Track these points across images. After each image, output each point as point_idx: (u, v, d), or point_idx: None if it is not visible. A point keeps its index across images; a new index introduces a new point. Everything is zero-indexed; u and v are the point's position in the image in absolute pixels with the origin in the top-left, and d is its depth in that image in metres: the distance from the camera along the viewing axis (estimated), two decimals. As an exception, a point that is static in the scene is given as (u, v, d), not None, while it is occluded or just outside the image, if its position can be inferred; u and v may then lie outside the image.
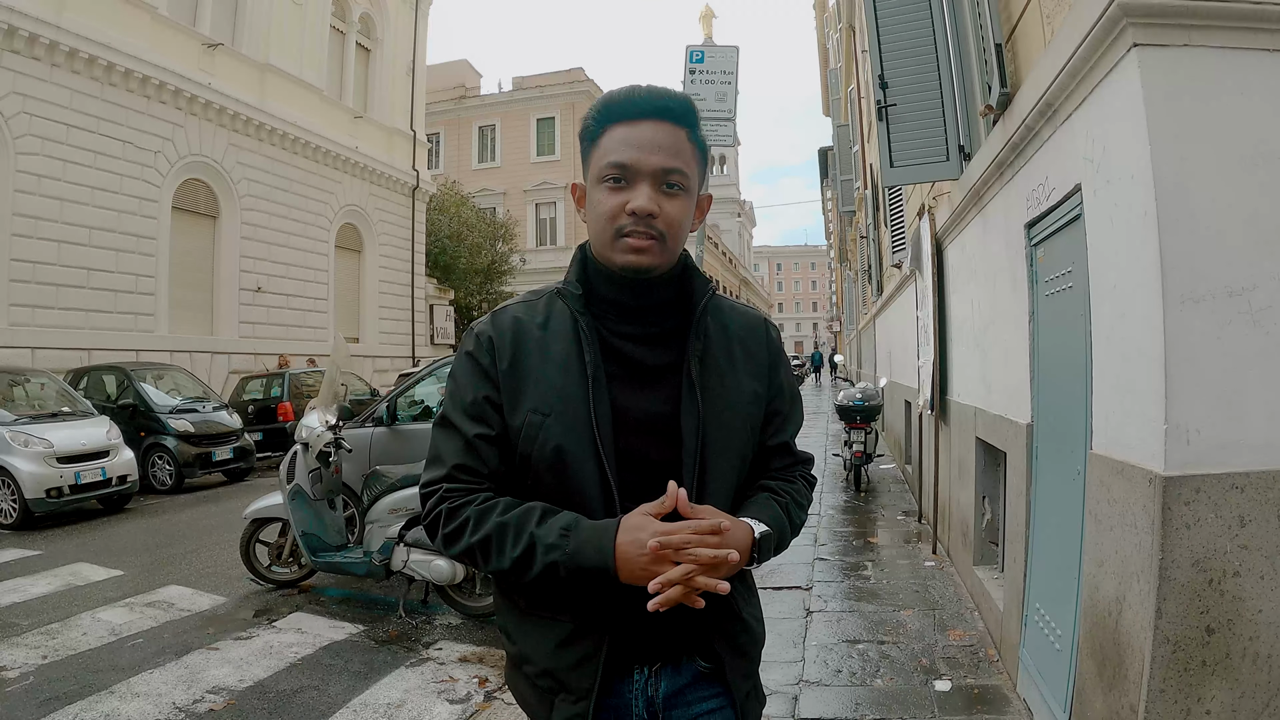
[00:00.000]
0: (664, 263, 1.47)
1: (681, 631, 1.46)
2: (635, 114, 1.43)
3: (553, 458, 1.42)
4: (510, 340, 1.50)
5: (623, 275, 1.47)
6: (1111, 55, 2.55)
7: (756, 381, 1.57)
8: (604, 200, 1.44)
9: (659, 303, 1.52)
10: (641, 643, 1.47)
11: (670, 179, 1.42)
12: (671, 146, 1.43)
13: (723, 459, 1.48)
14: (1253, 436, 2.33)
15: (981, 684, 4.15)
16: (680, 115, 1.45)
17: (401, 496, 5.86)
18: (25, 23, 14.62)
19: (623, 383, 1.48)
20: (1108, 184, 2.71)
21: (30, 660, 4.97)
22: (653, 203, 1.40)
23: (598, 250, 1.49)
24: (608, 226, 1.44)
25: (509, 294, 34.28)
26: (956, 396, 6.04)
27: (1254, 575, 2.34)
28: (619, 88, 1.48)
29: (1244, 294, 2.33)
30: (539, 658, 1.50)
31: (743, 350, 1.57)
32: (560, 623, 1.46)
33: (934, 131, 5.07)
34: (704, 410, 1.47)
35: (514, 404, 1.47)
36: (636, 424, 1.46)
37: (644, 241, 1.42)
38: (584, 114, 1.53)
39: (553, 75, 41.12)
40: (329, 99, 23.78)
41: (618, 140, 1.43)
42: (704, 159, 1.51)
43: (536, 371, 1.47)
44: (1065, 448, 3.32)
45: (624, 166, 1.41)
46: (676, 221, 1.44)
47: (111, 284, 16.40)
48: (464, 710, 4.32)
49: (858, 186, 17.92)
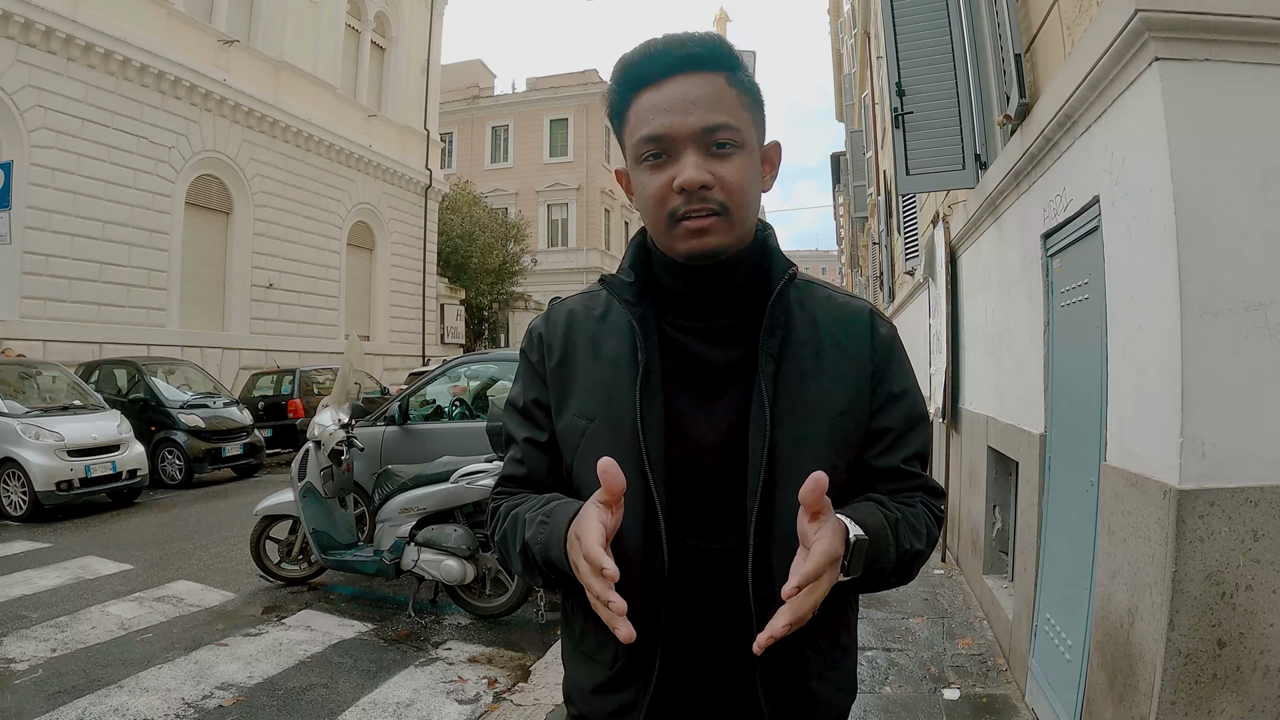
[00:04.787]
0: (734, 240, 1.21)
1: (729, 693, 1.25)
2: (659, 73, 1.20)
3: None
4: (562, 335, 1.34)
5: (687, 263, 1.23)
6: (1133, 68, 2.55)
7: (852, 387, 1.27)
8: (648, 182, 1.21)
9: (730, 290, 1.27)
10: (681, 702, 1.26)
11: (717, 137, 1.17)
12: (710, 99, 1.18)
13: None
14: (1267, 450, 2.33)
15: (990, 693, 4.14)
16: (712, 60, 1.20)
17: (412, 496, 5.88)
18: (42, 16, 14.73)
19: (682, 384, 1.26)
20: (1126, 196, 2.71)
21: (39, 653, 5.00)
22: (702, 171, 1.16)
23: (656, 238, 1.27)
24: (659, 211, 1.20)
25: (520, 294, 34.36)
26: (969, 405, 6.03)
27: (1266, 589, 2.33)
28: (634, 47, 1.24)
29: (1262, 308, 2.32)
30: (578, 699, 1.34)
31: (836, 348, 1.28)
32: (599, 664, 1.29)
33: (950, 140, 5.06)
34: (774, 421, 1.21)
35: (561, 406, 1.31)
36: (694, 435, 1.24)
37: (704, 221, 1.17)
38: (606, 92, 1.30)
39: (567, 76, 41.13)
40: (343, 97, 23.88)
41: (646, 109, 1.20)
42: (758, 102, 1.25)
43: (586, 369, 1.30)
44: (1079, 458, 3.31)
45: (659, 138, 1.18)
46: (738, 185, 1.18)
47: (124, 278, 16.50)
48: (473, 711, 4.33)
49: (870, 192, 17.88)
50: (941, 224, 6.69)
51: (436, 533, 5.74)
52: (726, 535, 1.17)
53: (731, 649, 1.20)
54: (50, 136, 15.12)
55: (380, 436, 7.86)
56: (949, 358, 6.51)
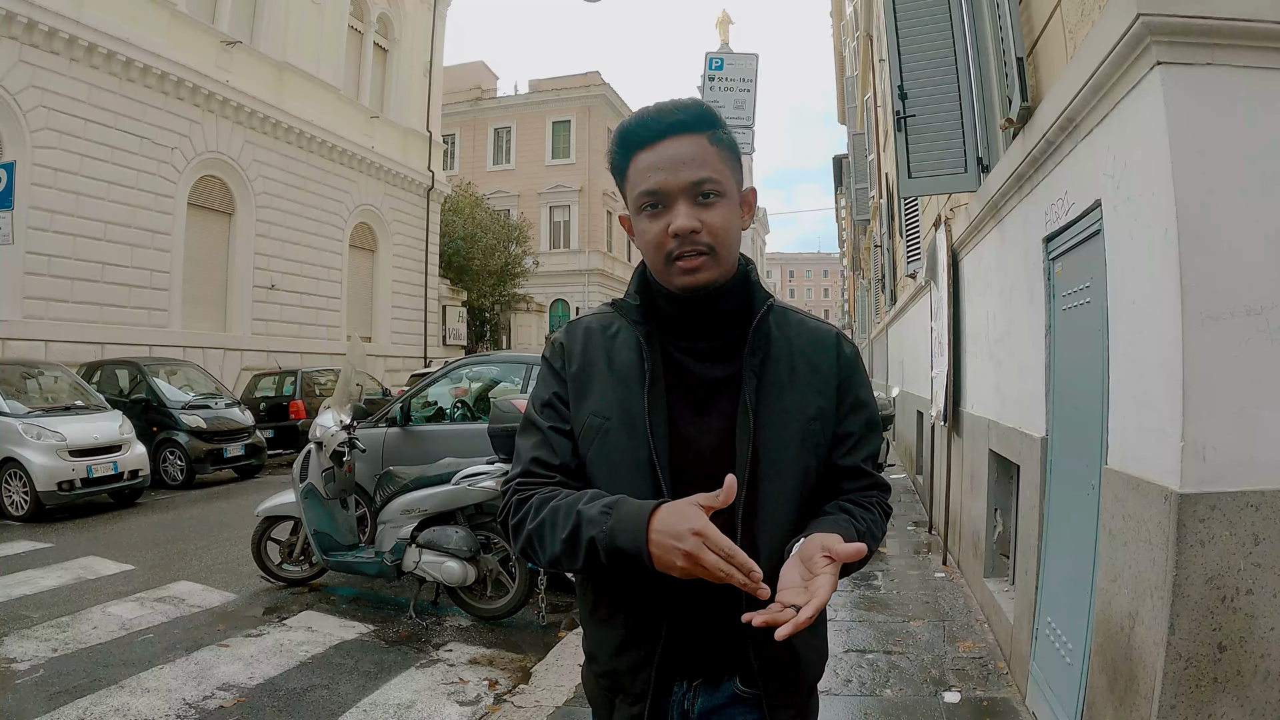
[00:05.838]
0: (720, 275, 1.44)
1: (723, 649, 1.45)
2: (651, 137, 1.42)
3: (610, 461, 1.45)
4: (580, 346, 1.55)
5: (682, 295, 1.45)
6: (1135, 72, 2.55)
7: (821, 398, 1.51)
8: (647, 228, 1.43)
9: (718, 315, 1.49)
10: (685, 656, 1.46)
11: (704, 189, 1.39)
12: (696, 158, 1.40)
13: (777, 480, 1.44)
14: (1268, 454, 2.33)
15: (991, 696, 4.14)
16: (695, 123, 1.42)
17: (414, 497, 5.88)
18: (45, 17, 14.77)
19: (681, 396, 1.47)
20: (1128, 200, 2.71)
21: (40, 653, 5.00)
22: (692, 219, 1.38)
23: (655, 274, 1.49)
24: (657, 253, 1.43)
25: (522, 296, 34.40)
26: (970, 408, 6.03)
27: (1266, 593, 2.33)
28: (629, 116, 1.47)
29: (1263, 312, 2.33)
30: (602, 658, 1.53)
31: (807, 365, 1.51)
32: (615, 626, 1.48)
33: (952, 143, 5.06)
34: (756, 428, 1.43)
35: (579, 403, 1.51)
36: (693, 439, 1.45)
37: (695, 260, 1.40)
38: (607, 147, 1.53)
39: (569, 78, 41.22)
40: (346, 98, 23.91)
41: (643, 168, 1.42)
42: (735, 156, 1.47)
43: (602, 377, 1.51)
44: (1080, 462, 3.31)
45: (655, 192, 1.40)
46: (722, 229, 1.41)
47: (126, 279, 16.54)
48: (474, 712, 4.33)
49: (872, 195, 17.86)
50: (943, 227, 6.70)
51: (438, 534, 5.75)
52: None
53: (724, 612, 1.38)
54: (53, 137, 15.15)
55: (382, 438, 7.86)
56: (950, 361, 6.51)
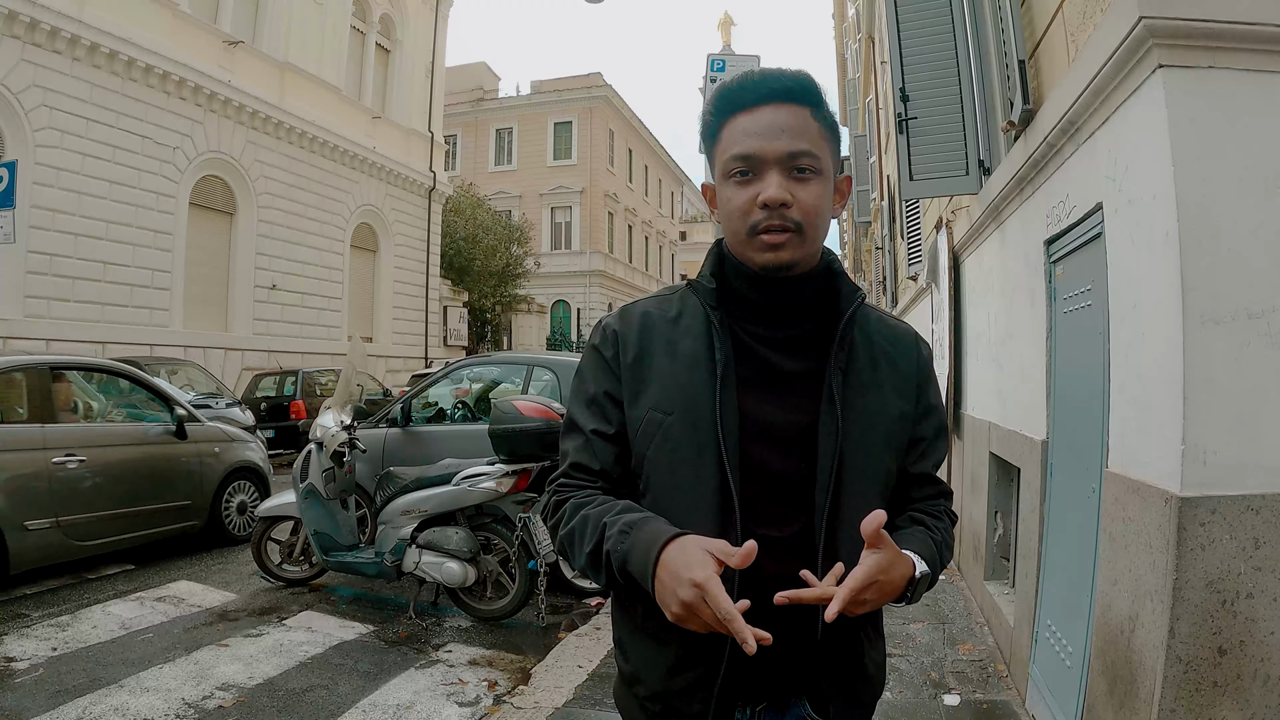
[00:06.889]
0: (804, 257, 1.35)
1: (793, 670, 1.37)
2: (753, 100, 1.34)
3: (670, 460, 1.35)
4: (637, 334, 1.43)
5: (762, 274, 1.36)
6: (1136, 75, 2.55)
7: (903, 400, 1.44)
8: (733, 196, 1.34)
9: (799, 303, 1.40)
10: (749, 676, 1.36)
11: (800, 163, 1.31)
12: (796, 128, 1.32)
13: (860, 480, 1.35)
14: (1269, 458, 2.32)
15: (990, 699, 4.13)
16: (801, 94, 1.34)
17: (415, 498, 5.88)
18: (47, 16, 14.78)
19: (753, 387, 1.37)
20: (1129, 203, 2.71)
21: (40, 652, 5.00)
22: (784, 191, 1.29)
23: (734, 248, 1.40)
24: (741, 223, 1.34)
25: (523, 297, 34.37)
26: (970, 410, 6.03)
27: (1267, 597, 2.33)
28: (733, 78, 1.38)
29: (1264, 316, 2.32)
30: (651, 680, 1.41)
31: (889, 365, 1.44)
32: (669, 644, 1.37)
33: (954, 145, 5.06)
34: (844, 425, 1.34)
35: (635, 399, 1.40)
36: (765, 433, 1.35)
37: (780, 236, 1.31)
38: (702, 111, 1.44)
39: (571, 79, 41.24)
40: (348, 99, 23.93)
41: (739, 131, 1.34)
42: (835, 138, 1.38)
43: (662, 367, 1.39)
44: (1080, 465, 3.31)
45: (748, 157, 1.32)
46: (813, 209, 1.32)
47: (127, 278, 16.55)
48: (473, 713, 4.33)
49: (874, 197, 17.84)
50: (945, 229, 6.70)
51: (438, 535, 5.75)
52: (791, 524, 1.29)
53: (794, 628, 1.31)
54: (55, 136, 15.16)
55: (382, 438, 7.85)
56: (951, 363, 6.51)
